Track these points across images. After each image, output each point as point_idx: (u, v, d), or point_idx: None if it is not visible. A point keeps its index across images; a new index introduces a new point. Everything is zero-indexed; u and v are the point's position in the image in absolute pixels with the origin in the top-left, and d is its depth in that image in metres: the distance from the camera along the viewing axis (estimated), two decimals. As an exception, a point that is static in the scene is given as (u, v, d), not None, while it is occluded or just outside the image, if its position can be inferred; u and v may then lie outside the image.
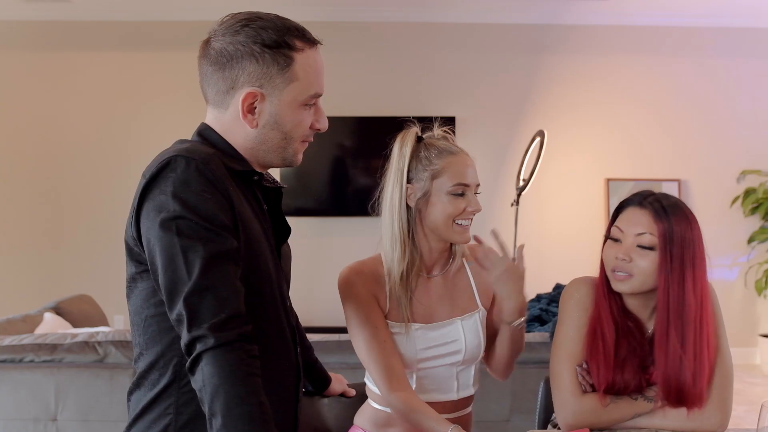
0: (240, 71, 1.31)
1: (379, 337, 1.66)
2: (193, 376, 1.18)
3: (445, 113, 5.77)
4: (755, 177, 5.81)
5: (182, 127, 6.04)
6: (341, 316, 1.77)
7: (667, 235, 1.58)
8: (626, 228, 1.63)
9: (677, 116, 5.89)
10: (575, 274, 5.75)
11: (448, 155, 1.70)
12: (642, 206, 1.63)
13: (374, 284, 1.71)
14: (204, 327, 1.16)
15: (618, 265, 1.62)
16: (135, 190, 1.25)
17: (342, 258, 6.74)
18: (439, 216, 1.68)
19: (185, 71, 5.61)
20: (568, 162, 5.84)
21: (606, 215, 5.83)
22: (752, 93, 5.90)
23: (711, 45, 5.88)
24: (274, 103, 1.33)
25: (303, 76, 1.33)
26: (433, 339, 1.71)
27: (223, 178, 1.25)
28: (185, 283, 1.17)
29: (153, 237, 1.21)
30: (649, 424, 1.67)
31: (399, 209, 1.69)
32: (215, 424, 1.14)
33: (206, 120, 1.39)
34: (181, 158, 1.22)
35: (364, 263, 1.74)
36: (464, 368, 1.77)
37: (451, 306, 1.76)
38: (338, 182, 5.81)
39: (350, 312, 1.69)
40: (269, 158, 1.39)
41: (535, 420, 2.13)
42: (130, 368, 2.97)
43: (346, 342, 3.14)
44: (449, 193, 1.68)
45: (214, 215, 1.21)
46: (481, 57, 5.85)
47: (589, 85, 5.87)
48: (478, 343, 1.75)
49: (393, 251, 1.69)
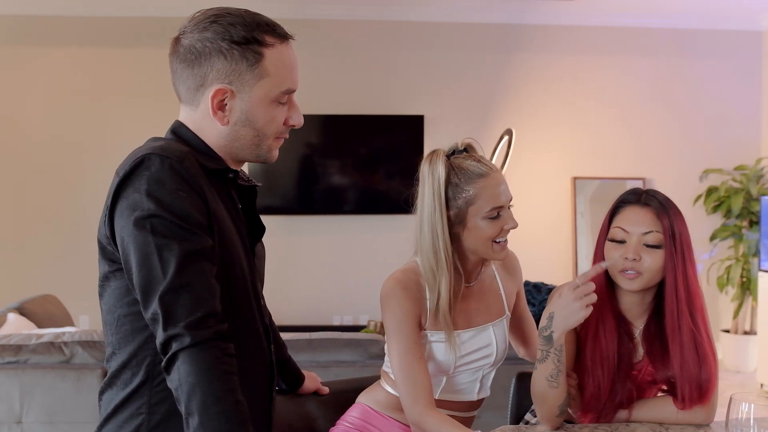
0: (209, 68, 1.30)
1: (416, 353, 1.66)
2: (168, 375, 1.17)
3: (413, 112, 5.79)
4: (717, 176, 5.94)
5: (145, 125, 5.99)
6: (311, 315, 1.77)
7: (669, 231, 1.61)
8: (631, 228, 1.64)
9: (642, 116, 5.99)
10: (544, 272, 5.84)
11: (478, 178, 1.67)
12: (642, 204, 1.65)
13: (417, 299, 1.70)
14: (180, 326, 1.15)
15: (627, 266, 1.62)
16: (100, 189, 1.24)
17: (311, 256, 6.75)
18: (477, 240, 1.70)
19: (149, 68, 5.60)
20: (536, 161, 5.90)
21: (573, 213, 5.90)
22: (714, 93, 6.02)
23: (675, 46, 5.98)
24: (245, 100, 1.32)
25: (274, 72, 1.32)
26: (471, 345, 1.75)
27: (197, 177, 1.24)
28: (160, 282, 1.16)
29: (127, 236, 1.20)
30: (636, 417, 1.70)
31: (443, 237, 1.67)
32: (192, 423, 1.14)
33: (180, 118, 1.38)
34: (156, 156, 1.21)
35: (407, 275, 1.72)
36: (490, 371, 1.81)
37: (486, 312, 1.79)
38: (306, 180, 5.79)
39: (390, 323, 1.70)
40: (243, 155, 1.38)
41: (507, 416, 2.15)
42: (98, 369, 2.93)
43: (317, 340, 3.13)
44: (485, 218, 1.68)
45: (189, 214, 1.20)
46: (449, 56, 5.88)
47: (556, 85, 5.93)
48: (506, 348, 1.81)
49: (440, 275, 1.68)
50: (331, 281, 5.82)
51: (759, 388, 5.07)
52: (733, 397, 1.31)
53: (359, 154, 5.86)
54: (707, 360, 1.64)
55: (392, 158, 5.84)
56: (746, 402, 1.29)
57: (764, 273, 5.12)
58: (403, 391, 1.66)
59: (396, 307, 1.69)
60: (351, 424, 1.79)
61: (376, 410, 1.80)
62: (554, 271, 5.78)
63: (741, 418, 1.29)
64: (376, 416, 1.79)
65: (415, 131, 5.75)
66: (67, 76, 5.68)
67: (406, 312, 1.68)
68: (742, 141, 6.04)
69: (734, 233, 5.71)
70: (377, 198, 5.83)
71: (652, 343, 1.70)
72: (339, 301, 5.80)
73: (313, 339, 3.15)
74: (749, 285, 5.63)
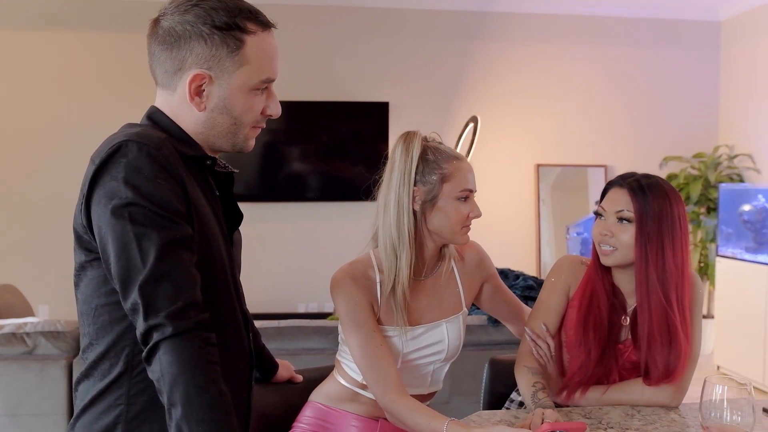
0: (188, 52, 1.27)
1: (375, 340, 1.65)
2: (149, 366, 1.15)
3: (378, 98, 5.78)
4: (677, 163, 6.06)
5: (105, 112, 5.86)
6: (276, 302, 1.77)
7: (642, 210, 1.71)
8: (608, 206, 1.77)
9: (604, 104, 6.06)
10: (509, 258, 5.90)
11: (454, 160, 1.70)
12: (621, 186, 1.77)
13: (368, 289, 1.70)
14: (161, 315, 1.13)
15: (603, 240, 1.76)
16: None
17: (275, 243, 6.71)
18: (445, 221, 1.70)
19: (111, 54, 5.49)
20: (500, 148, 5.93)
21: (536, 200, 5.96)
22: (674, 82, 6.13)
23: (636, 36, 6.06)
24: (223, 87, 1.30)
25: (254, 59, 1.30)
26: (420, 341, 1.74)
27: (176, 164, 1.22)
28: (140, 272, 1.14)
29: (104, 224, 1.17)
30: (605, 400, 1.74)
31: (408, 212, 1.67)
32: (175, 414, 1.12)
33: (156, 103, 1.35)
34: (133, 143, 1.18)
35: (355, 267, 1.72)
36: (441, 366, 1.81)
37: (439, 308, 1.78)
38: (270, 167, 5.74)
39: (344, 315, 1.68)
40: (219, 143, 1.36)
41: (480, 401, 2.17)
42: (62, 360, 2.88)
43: (286, 328, 3.12)
44: (456, 198, 1.69)
45: (168, 202, 1.17)
46: (413, 42, 5.87)
47: (520, 73, 5.97)
48: (459, 344, 1.80)
49: (402, 251, 1.67)
50: (296, 268, 5.79)
51: (716, 370, 5.20)
52: (707, 380, 1.34)
53: (323, 140, 5.83)
54: (677, 340, 1.69)
55: (357, 145, 5.82)
56: (720, 384, 1.32)
57: (721, 258, 5.24)
58: (370, 381, 1.65)
59: (347, 298, 1.68)
60: (307, 425, 1.78)
61: (328, 406, 1.79)
62: (518, 258, 5.84)
63: (714, 400, 1.32)
64: (329, 412, 1.78)
65: (379, 118, 5.74)
66: (26, 61, 5.52)
67: (358, 301, 1.67)
68: (701, 129, 6.16)
69: (693, 219, 5.83)
70: (341, 185, 5.81)
71: (635, 321, 1.77)
72: (304, 288, 5.78)
73: (281, 327, 3.14)
74: (707, 270, 5.76)
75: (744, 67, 5.88)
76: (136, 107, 2.10)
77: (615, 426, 1.60)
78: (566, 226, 5.99)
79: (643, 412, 1.70)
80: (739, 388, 1.32)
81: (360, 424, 1.76)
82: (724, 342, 5.17)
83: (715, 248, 5.49)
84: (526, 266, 5.83)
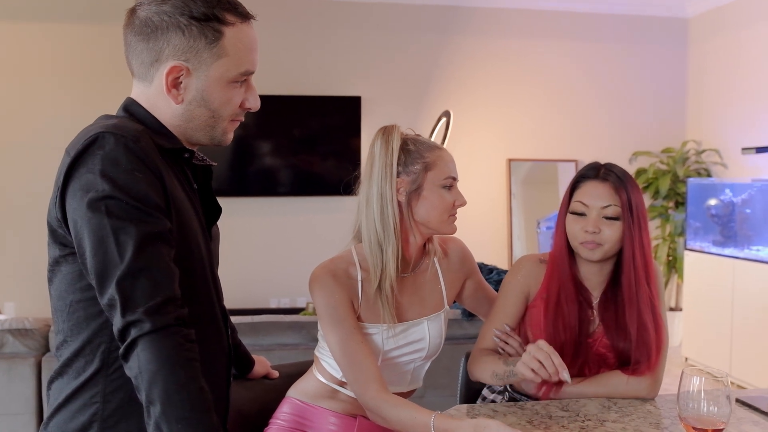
0: (165, 43, 1.24)
1: (356, 337, 1.63)
2: (127, 363, 1.12)
3: (350, 93, 5.76)
4: (646, 158, 6.13)
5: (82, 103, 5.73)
6: (248, 298, 1.74)
7: (627, 204, 1.70)
8: (590, 201, 1.72)
9: (574, 99, 6.11)
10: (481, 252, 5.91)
11: (436, 149, 1.70)
12: (602, 179, 1.73)
13: (348, 287, 1.67)
14: (139, 311, 1.10)
15: (587, 238, 1.71)
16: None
17: (246, 239, 6.63)
18: (431, 210, 1.68)
19: (76, 45, 5.38)
20: (472, 142, 5.95)
21: (508, 195, 5.99)
22: (643, 78, 6.20)
23: (606, 31, 6.12)
24: (201, 79, 1.27)
25: (233, 52, 1.28)
26: (401, 339, 1.72)
27: (153, 156, 1.19)
28: (117, 266, 1.11)
29: (80, 218, 1.14)
30: (583, 393, 1.75)
31: (392, 204, 1.65)
32: (154, 411, 1.10)
33: (132, 94, 1.32)
34: (110, 135, 1.15)
35: (336, 264, 1.69)
36: (422, 364, 1.79)
37: (420, 305, 1.76)
38: (240, 162, 5.69)
39: (324, 312, 1.66)
40: (197, 136, 1.33)
41: (456, 396, 2.17)
42: (31, 358, 2.83)
43: (260, 324, 3.10)
44: (441, 186, 1.68)
45: (146, 195, 1.15)
46: (385, 36, 5.86)
47: (491, 67, 5.99)
48: (440, 342, 1.78)
49: (387, 245, 1.65)
50: (267, 264, 5.76)
51: (684, 362, 5.28)
52: (685, 372, 1.35)
53: (295, 135, 5.79)
54: (660, 325, 1.73)
55: (328, 139, 5.79)
56: (697, 376, 1.33)
57: (690, 252, 5.32)
58: (351, 379, 1.63)
59: (327, 295, 1.65)
60: (284, 421, 1.76)
61: (306, 403, 1.77)
62: (490, 252, 5.87)
63: (692, 392, 1.33)
64: (307, 409, 1.76)
65: (352, 112, 5.72)
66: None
67: (338, 298, 1.65)
68: (669, 125, 6.24)
69: (661, 213, 5.90)
70: (313, 180, 5.78)
71: (607, 312, 1.77)
72: (275, 283, 5.75)
73: (255, 322, 3.11)
74: (675, 263, 5.85)
75: (711, 64, 5.97)
76: (111, 99, 2.07)
77: (592, 418, 1.60)
78: (537, 220, 6.03)
79: (619, 404, 1.71)
80: (716, 380, 1.33)
81: (338, 421, 1.74)
82: (692, 334, 5.25)
83: (684, 242, 5.57)
84: (498, 260, 5.87)
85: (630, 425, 1.57)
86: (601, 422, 1.58)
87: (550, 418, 1.61)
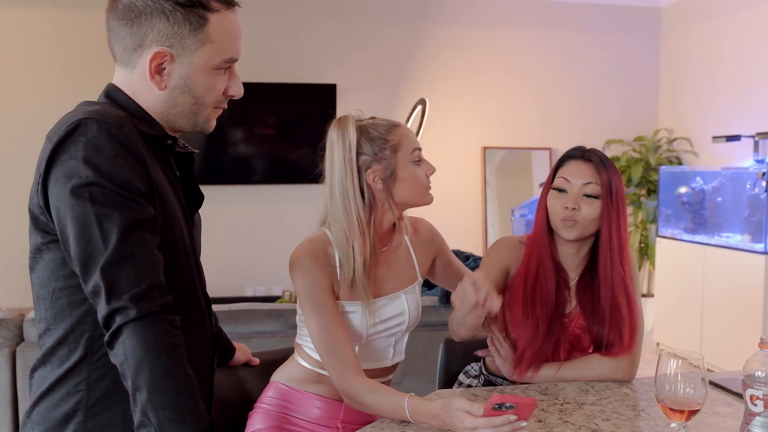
0: (149, 28, 1.23)
1: (335, 322, 1.64)
2: (112, 350, 1.12)
3: (325, 80, 5.74)
4: (619, 146, 6.20)
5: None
6: (223, 286, 1.73)
7: (607, 184, 1.74)
8: (573, 179, 1.77)
9: (549, 87, 6.15)
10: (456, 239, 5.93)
11: (394, 127, 1.71)
12: (585, 159, 1.78)
13: (328, 267, 1.68)
14: (124, 298, 1.10)
15: (567, 214, 1.76)
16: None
17: (220, 227, 6.59)
18: (410, 188, 1.70)
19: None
20: (447, 130, 5.97)
21: (483, 182, 6.02)
22: (617, 67, 6.26)
23: (580, 20, 6.16)
24: (185, 65, 1.26)
25: (217, 38, 1.27)
26: (384, 313, 1.74)
27: (136, 143, 1.18)
28: (101, 253, 1.11)
29: (63, 205, 1.13)
30: (560, 376, 1.78)
31: (354, 200, 1.67)
32: (140, 398, 1.10)
33: (113, 80, 1.31)
34: (92, 121, 1.14)
35: (314, 245, 1.69)
36: (402, 336, 1.82)
37: (396, 279, 1.78)
38: (214, 150, 5.65)
39: (304, 295, 1.66)
40: (180, 123, 1.33)
41: (432, 381, 2.19)
42: (5, 348, 2.80)
43: (237, 311, 3.10)
44: (412, 162, 1.70)
45: (129, 181, 1.14)
46: (361, 24, 5.84)
47: (466, 56, 6.00)
48: (418, 314, 1.81)
49: (353, 239, 1.67)
50: (242, 252, 5.73)
51: (656, 347, 5.37)
52: (662, 354, 1.38)
53: (270, 123, 5.76)
54: (634, 307, 1.77)
55: (304, 127, 5.77)
56: (674, 359, 1.36)
57: (661, 239, 5.40)
58: (328, 363, 1.63)
59: (307, 277, 1.66)
60: (269, 405, 1.76)
61: (291, 387, 1.77)
62: (465, 239, 5.91)
63: (669, 374, 1.36)
64: (292, 393, 1.77)
65: (327, 100, 5.70)
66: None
67: (318, 281, 1.65)
68: (642, 113, 6.32)
69: (633, 201, 5.98)
70: (287, 168, 5.76)
71: (584, 294, 1.82)
72: (251, 271, 5.73)
73: (233, 310, 3.11)
74: (647, 250, 5.93)
75: (683, 53, 6.04)
76: (92, 85, 2.04)
77: (571, 401, 1.63)
78: (511, 208, 6.08)
79: (596, 387, 1.74)
80: (692, 363, 1.36)
81: (323, 405, 1.75)
82: (664, 319, 5.34)
83: (656, 229, 5.65)
84: (473, 247, 5.90)
85: (608, 407, 1.60)
86: (579, 405, 1.61)
87: (529, 402, 1.63)
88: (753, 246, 4.60)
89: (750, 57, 5.27)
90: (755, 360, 1.35)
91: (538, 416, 1.53)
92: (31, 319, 2.83)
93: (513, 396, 1.30)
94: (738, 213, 4.91)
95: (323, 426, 1.75)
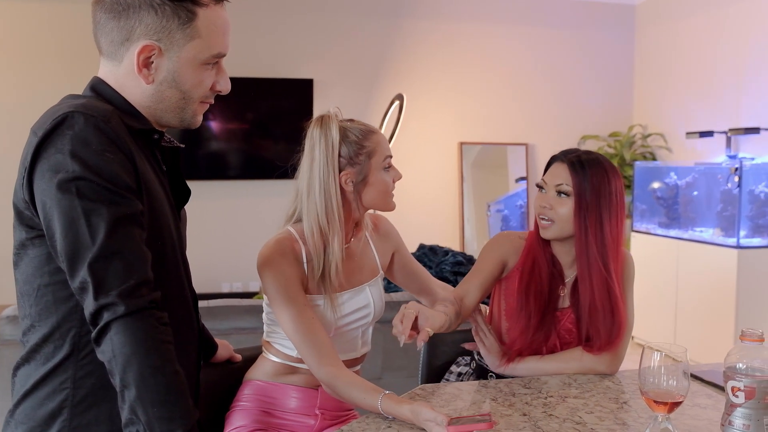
0: (137, 22, 1.22)
1: (307, 313, 1.67)
2: (99, 347, 1.11)
3: (302, 75, 5.71)
4: (594, 141, 6.25)
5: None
6: (200, 282, 1.73)
7: (581, 184, 1.77)
8: (549, 180, 1.83)
9: (525, 83, 6.19)
10: (434, 234, 5.95)
11: (370, 133, 1.75)
12: (562, 161, 1.83)
13: (296, 264, 1.71)
14: (112, 294, 1.09)
15: (542, 212, 1.82)
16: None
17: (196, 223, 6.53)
18: (377, 194, 1.76)
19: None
20: (424, 126, 5.98)
21: (459, 178, 6.04)
22: (592, 63, 6.31)
23: (556, 16, 6.20)
24: (173, 60, 1.25)
25: (206, 33, 1.26)
26: (350, 306, 1.79)
27: (124, 137, 1.17)
28: (89, 249, 1.09)
29: (49, 200, 1.11)
30: (543, 369, 1.81)
31: (335, 198, 1.70)
32: (128, 395, 1.09)
33: (99, 74, 1.29)
34: (79, 114, 1.13)
35: (282, 243, 1.72)
36: (368, 327, 1.87)
37: (359, 273, 1.83)
38: (189, 145, 5.59)
39: (274, 291, 1.68)
40: (167, 118, 1.31)
41: (414, 376, 2.20)
42: (-18, 345, 2.75)
43: (216, 308, 3.08)
44: (383, 169, 1.75)
45: (117, 176, 1.13)
46: (337, 19, 5.82)
47: (444, 51, 6.01)
48: (383, 305, 1.87)
49: (333, 235, 1.70)
50: (218, 248, 5.70)
51: (631, 340, 5.42)
52: (645, 348, 1.40)
53: (245, 118, 5.72)
54: (618, 308, 1.78)
55: (280, 122, 5.74)
56: (657, 352, 1.38)
57: (636, 233, 5.46)
58: (305, 354, 1.66)
59: (277, 273, 1.68)
60: (248, 402, 1.78)
61: (267, 381, 1.80)
62: (442, 234, 5.92)
63: (652, 367, 1.38)
64: (268, 387, 1.79)
65: (304, 95, 5.68)
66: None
67: (288, 276, 1.68)
68: (617, 109, 6.38)
69: (608, 196, 6.02)
70: (263, 163, 5.73)
71: (574, 290, 1.85)
72: (227, 267, 5.70)
73: (212, 306, 3.09)
74: (621, 245, 5.99)
75: (657, 50, 6.10)
76: (78, 79, 2.02)
77: (554, 395, 1.65)
78: (486, 203, 6.11)
79: (579, 380, 1.76)
80: (674, 357, 1.38)
81: (300, 395, 1.79)
82: (639, 313, 5.37)
83: (630, 224, 5.71)
84: (450, 243, 5.92)
85: (591, 400, 1.61)
86: (563, 398, 1.63)
87: (513, 396, 1.65)
88: (726, 240, 4.67)
89: (722, 54, 5.34)
90: (736, 352, 1.37)
91: (523, 410, 1.55)
92: (6, 317, 2.79)
93: (468, 425, 1.34)
94: (711, 208, 4.98)
95: (302, 415, 1.79)
